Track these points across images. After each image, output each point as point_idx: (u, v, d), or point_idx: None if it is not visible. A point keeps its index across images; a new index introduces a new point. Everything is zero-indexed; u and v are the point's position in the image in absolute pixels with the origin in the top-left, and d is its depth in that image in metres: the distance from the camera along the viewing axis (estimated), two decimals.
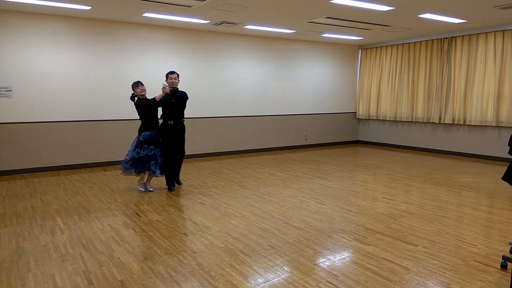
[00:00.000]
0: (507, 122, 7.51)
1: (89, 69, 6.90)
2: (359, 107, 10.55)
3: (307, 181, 6.04)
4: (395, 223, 4.06)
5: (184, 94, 5.31)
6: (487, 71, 7.80)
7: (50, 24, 6.49)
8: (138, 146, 5.15)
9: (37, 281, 2.79)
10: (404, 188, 5.57)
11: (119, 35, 7.11)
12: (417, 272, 2.93)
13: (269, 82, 9.01)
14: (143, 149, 5.13)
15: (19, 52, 6.30)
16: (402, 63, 9.37)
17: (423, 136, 9.15)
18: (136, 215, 4.32)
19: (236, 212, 4.42)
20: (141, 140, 5.15)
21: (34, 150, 6.56)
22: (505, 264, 2.98)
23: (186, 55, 7.83)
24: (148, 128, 5.19)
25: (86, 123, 6.97)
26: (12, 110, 6.34)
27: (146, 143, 5.15)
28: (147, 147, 5.14)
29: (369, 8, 5.92)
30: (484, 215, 4.35)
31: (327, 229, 3.87)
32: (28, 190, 5.42)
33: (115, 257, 3.20)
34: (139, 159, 5.12)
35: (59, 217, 4.26)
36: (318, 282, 2.77)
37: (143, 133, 5.17)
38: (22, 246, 3.43)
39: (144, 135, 5.16)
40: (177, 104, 5.25)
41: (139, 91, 5.14)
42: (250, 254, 3.25)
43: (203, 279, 2.81)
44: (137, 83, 5.17)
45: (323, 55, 9.79)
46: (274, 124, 9.20)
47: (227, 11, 6.17)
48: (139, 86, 5.15)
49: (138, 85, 5.16)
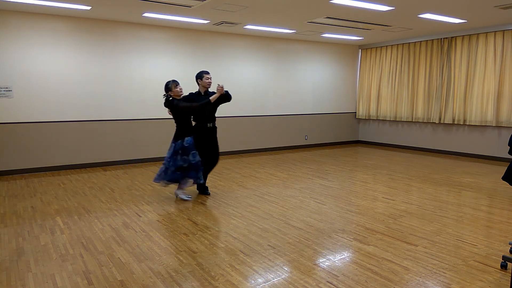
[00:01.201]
0: (507, 122, 7.51)
1: (89, 69, 6.90)
2: (359, 107, 10.55)
3: (307, 181, 6.04)
4: (395, 223, 4.06)
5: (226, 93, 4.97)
6: (487, 71, 7.80)
7: (50, 24, 6.49)
8: (184, 152, 4.68)
9: (37, 281, 2.79)
10: (404, 188, 5.57)
11: (119, 35, 7.11)
12: (417, 272, 2.93)
13: (269, 82, 9.01)
14: (192, 155, 4.69)
15: (19, 52, 6.30)
16: (402, 63, 9.37)
17: (423, 136, 9.15)
18: (136, 215, 4.32)
19: (236, 212, 4.42)
20: (186, 146, 4.68)
21: (34, 150, 6.56)
22: (505, 264, 2.98)
23: (186, 55, 7.83)
24: (188, 133, 4.76)
25: (86, 123, 6.97)
26: (12, 110, 6.34)
27: (193, 149, 4.72)
28: (195, 153, 4.72)
29: (369, 8, 5.92)
30: (484, 215, 4.35)
31: (327, 229, 3.87)
32: (28, 190, 5.42)
33: (115, 257, 3.20)
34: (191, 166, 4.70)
35: (59, 217, 4.26)
36: (318, 282, 2.77)
37: (185, 138, 4.71)
38: (22, 246, 3.43)
39: (188, 141, 4.71)
40: (216, 106, 4.96)
41: (179, 90, 4.68)
42: (250, 254, 3.25)
43: (203, 279, 2.81)
44: (175, 81, 4.70)
45: (323, 55, 9.79)
46: (274, 124, 9.20)
47: (227, 11, 6.17)
48: (178, 85, 4.69)
49: (178, 84, 4.69)
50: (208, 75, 4.91)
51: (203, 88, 4.94)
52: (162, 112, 7.63)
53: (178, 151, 4.70)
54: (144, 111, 7.48)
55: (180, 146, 4.70)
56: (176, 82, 4.70)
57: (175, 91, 4.66)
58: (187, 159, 4.69)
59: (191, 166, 4.71)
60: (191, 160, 4.70)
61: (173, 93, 4.66)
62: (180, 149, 4.69)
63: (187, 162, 4.69)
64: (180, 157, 4.69)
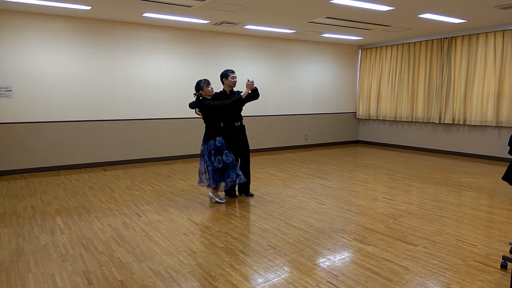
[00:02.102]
0: (507, 122, 7.51)
1: (89, 69, 6.90)
2: (359, 107, 10.55)
3: (307, 181, 6.04)
4: (395, 223, 4.06)
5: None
6: (487, 71, 7.80)
7: (50, 24, 6.49)
8: (218, 153, 4.53)
9: (37, 281, 2.79)
10: (404, 188, 5.57)
11: (119, 35, 7.11)
12: (417, 272, 2.93)
13: (269, 82, 9.01)
14: (225, 155, 4.54)
15: (19, 52, 6.30)
16: (402, 63, 9.37)
17: (423, 136, 9.15)
18: (136, 215, 4.32)
19: (236, 212, 4.42)
20: (219, 146, 4.54)
21: (34, 150, 6.56)
22: (505, 264, 2.98)
23: (186, 55, 7.83)
24: (219, 133, 4.61)
25: (86, 123, 6.97)
26: (12, 110, 6.34)
27: (226, 149, 4.57)
28: (228, 153, 4.56)
29: (369, 8, 5.92)
30: (484, 215, 4.35)
31: (327, 229, 3.87)
32: (28, 190, 5.42)
33: (115, 257, 3.20)
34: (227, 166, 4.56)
35: (59, 217, 4.26)
36: (318, 282, 2.77)
37: (217, 138, 4.56)
38: (22, 246, 3.43)
39: (220, 140, 4.56)
40: (243, 104, 4.82)
41: (210, 90, 4.54)
42: (250, 254, 3.25)
43: (203, 279, 2.81)
44: (207, 81, 4.54)
45: (323, 55, 9.79)
46: (274, 124, 9.20)
47: (227, 11, 6.17)
48: (209, 85, 4.53)
49: (209, 84, 4.53)
50: (234, 74, 4.77)
51: (228, 87, 4.80)
52: (162, 112, 7.66)
53: (211, 151, 4.56)
54: (144, 111, 7.48)
55: (213, 147, 4.55)
56: (208, 81, 4.54)
57: (206, 90, 4.51)
58: (221, 159, 4.55)
59: (227, 166, 4.56)
60: (225, 160, 4.55)
61: (204, 93, 4.52)
62: (213, 150, 4.55)
63: (221, 163, 4.55)
64: (214, 158, 4.56)
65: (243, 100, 4.66)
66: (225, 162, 4.56)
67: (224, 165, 4.56)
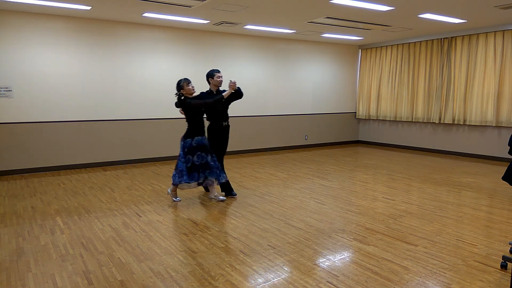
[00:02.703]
0: (507, 122, 7.51)
1: (89, 69, 6.90)
2: (359, 107, 10.55)
3: (307, 181, 6.04)
4: (395, 223, 4.06)
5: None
6: (487, 71, 7.80)
7: (50, 24, 6.49)
8: (190, 152, 4.60)
9: (37, 281, 2.79)
10: (404, 188, 5.57)
11: (119, 35, 7.11)
12: (417, 272, 2.93)
13: (269, 82, 9.01)
14: (196, 156, 4.61)
15: (19, 52, 6.30)
16: (402, 63, 9.37)
17: (423, 136, 9.15)
18: (136, 215, 4.32)
19: (236, 212, 4.42)
20: (195, 146, 4.62)
21: (34, 150, 6.56)
22: (505, 264, 2.98)
23: (186, 55, 7.83)
24: (199, 132, 4.68)
25: (86, 123, 6.97)
26: (12, 110, 6.34)
27: (199, 150, 4.64)
28: (200, 154, 4.64)
29: (369, 8, 5.92)
30: (484, 215, 4.35)
31: (327, 229, 3.87)
32: (28, 190, 5.42)
33: (115, 257, 3.20)
34: (195, 167, 4.62)
35: (59, 217, 4.26)
36: (318, 282, 2.77)
37: (195, 137, 4.64)
38: (22, 246, 3.43)
39: (197, 140, 4.64)
40: (228, 103, 4.92)
41: (191, 88, 4.60)
42: (250, 254, 3.25)
43: (203, 279, 2.81)
44: (187, 80, 4.61)
45: (323, 55, 9.79)
46: (274, 124, 9.20)
47: (227, 11, 6.17)
48: (190, 84, 4.59)
49: (189, 82, 4.59)
50: (219, 74, 4.85)
51: (214, 86, 4.88)
52: (162, 112, 7.66)
53: (185, 149, 4.63)
54: (144, 111, 7.48)
55: (188, 145, 4.62)
56: (188, 80, 4.62)
57: (187, 89, 4.57)
58: (191, 159, 4.62)
59: (194, 167, 4.62)
60: (195, 161, 4.62)
61: (185, 92, 4.58)
62: (187, 148, 4.63)
63: (190, 162, 4.62)
64: (189, 156, 4.62)
65: (226, 99, 4.74)
66: (194, 163, 4.64)
67: (192, 165, 4.63)
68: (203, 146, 4.67)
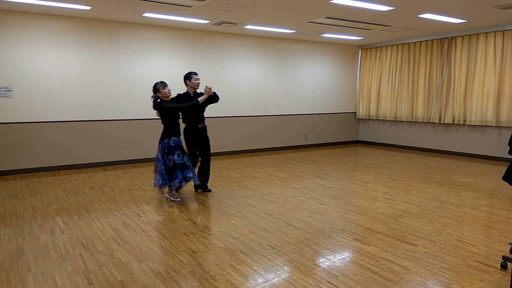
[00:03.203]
0: (507, 122, 7.51)
1: (89, 69, 6.90)
2: (359, 107, 10.55)
3: (307, 181, 6.04)
4: (395, 223, 4.06)
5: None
6: (487, 71, 7.80)
7: (50, 24, 6.49)
8: (170, 152, 4.69)
9: (37, 281, 2.79)
10: (404, 188, 5.57)
11: (119, 35, 7.11)
12: (417, 272, 2.93)
13: (269, 82, 9.01)
14: (177, 155, 4.69)
15: (19, 52, 6.30)
16: (402, 63, 9.37)
17: (423, 136, 9.15)
18: (136, 215, 4.32)
19: (236, 212, 4.42)
20: (173, 146, 4.71)
21: (34, 150, 6.56)
22: (505, 264, 2.98)
23: (186, 55, 7.83)
24: (175, 133, 4.77)
25: (86, 123, 6.97)
26: (12, 110, 6.34)
27: (178, 149, 4.73)
28: (180, 154, 4.71)
29: (369, 8, 5.92)
30: (484, 215, 4.35)
31: (327, 229, 3.87)
32: (28, 190, 5.42)
33: (115, 257, 3.20)
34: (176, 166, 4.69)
35: (59, 217, 4.26)
36: (318, 282, 2.77)
37: (172, 138, 4.74)
38: (22, 246, 3.43)
39: (174, 140, 4.73)
40: (204, 106, 5.03)
41: (167, 91, 4.68)
42: (250, 254, 3.25)
43: (203, 279, 2.81)
44: (163, 83, 4.69)
45: (323, 55, 9.79)
46: (274, 124, 9.20)
47: (227, 11, 6.17)
48: (166, 87, 4.68)
49: (166, 86, 4.68)
50: (196, 76, 4.97)
51: (191, 89, 5.01)
52: None
53: (165, 150, 4.72)
54: (144, 111, 7.47)
55: (167, 145, 4.72)
56: (164, 83, 4.70)
57: (163, 92, 4.66)
58: (172, 158, 4.70)
59: (176, 166, 4.70)
60: (176, 160, 4.70)
61: (161, 94, 4.67)
62: (166, 148, 4.72)
63: (171, 162, 4.71)
64: (166, 156, 4.72)
65: (201, 104, 4.85)
66: (176, 162, 4.70)
67: (174, 164, 4.70)
68: (180, 146, 4.79)
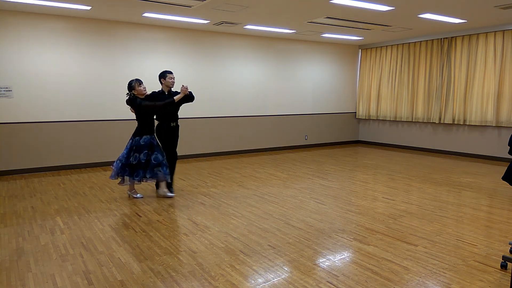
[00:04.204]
0: (507, 122, 7.51)
1: (89, 69, 6.90)
2: (359, 107, 10.55)
3: (307, 181, 6.04)
4: (395, 223, 4.06)
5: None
6: (487, 71, 7.80)
7: (50, 24, 6.49)
8: (137, 150, 4.73)
9: (37, 281, 2.79)
10: (404, 188, 5.57)
11: (119, 35, 7.11)
12: (417, 272, 2.93)
13: (269, 82, 9.01)
14: (143, 154, 4.72)
15: (19, 52, 6.30)
16: (402, 63, 9.37)
17: (423, 136, 9.15)
18: (136, 215, 4.32)
19: (236, 212, 4.42)
20: (142, 144, 4.75)
21: (34, 150, 6.56)
22: (505, 264, 2.98)
23: (186, 55, 7.83)
24: (149, 131, 4.83)
25: (86, 123, 6.97)
26: (12, 110, 6.34)
27: (147, 148, 4.76)
28: (147, 153, 4.74)
29: (369, 8, 5.92)
30: (484, 215, 4.35)
31: (327, 229, 3.87)
32: (28, 190, 5.42)
33: (115, 257, 3.20)
34: (140, 164, 4.72)
35: (59, 217, 4.26)
36: (318, 282, 2.77)
37: (144, 136, 4.78)
38: (22, 246, 3.43)
39: (145, 139, 4.78)
40: (179, 105, 5.11)
41: (142, 89, 4.76)
42: (250, 254, 3.25)
43: (203, 279, 2.81)
44: (139, 80, 4.78)
45: (323, 55, 9.79)
46: (274, 124, 9.20)
47: (227, 11, 6.17)
48: (141, 84, 4.76)
49: (141, 83, 4.77)
50: (171, 75, 5.03)
51: (166, 87, 5.06)
52: None
53: (133, 147, 4.76)
54: None
55: (136, 143, 4.76)
56: (140, 81, 4.76)
57: (138, 90, 4.73)
58: (138, 157, 4.73)
59: (140, 164, 4.73)
60: (141, 159, 4.73)
61: (136, 92, 4.73)
62: (135, 146, 4.76)
63: (136, 160, 4.73)
64: (132, 153, 4.75)
65: (176, 103, 4.92)
66: (140, 160, 4.73)
67: (138, 163, 4.74)
68: (151, 145, 4.81)
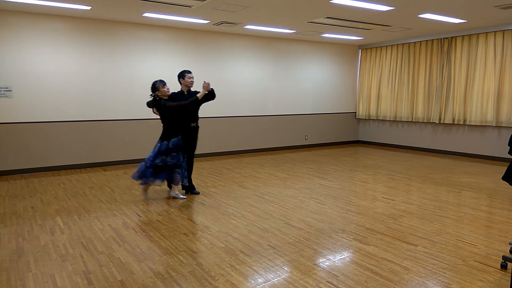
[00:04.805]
0: (507, 122, 7.51)
1: (89, 69, 6.90)
2: (359, 107, 10.55)
3: (307, 181, 6.04)
4: (395, 223, 4.06)
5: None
6: (487, 71, 7.80)
7: (50, 24, 6.49)
8: (165, 153, 4.66)
9: (37, 281, 2.79)
10: (404, 188, 5.57)
11: (119, 35, 7.11)
12: (417, 272, 2.93)
13: (269, 82, 9.01)
14: (171, 157, 4.67)
15: (19, 52, 6.30)
16: (402, 63, 9.37)
17: (423, 136, 9.15)
18: (136, 215, 4.32)
19: (236, 212, 4.42)
20: (171, 148, 4.66)
21: (34, 150, 6.56)
22: (505, 264, 2.98)
23: (186, 55, 7.83)
24: (174, 134, 4.72)
25: (86, 123, 6.97)
26: (12, 110, 6.34)
27: (174, 151, 4.68)
28: (175, 155, 4.68)
29: (369, 8, 5.92)
30: (484, 215, 4.35)
31: (327, 229, 3.87)
32: (28, 190, 5.42)
33: (115, 257, 3.20)
34: (166, 167, 4.69)
35: (59, 217, 4.26)
36: (318, 282, 2.77)
37: (172, 139, 4.68)
38: (22, 246, 3.43)
39: (173, 142, 4.68)
40: (200, 104, 4.98)
41: (166, 90, 4.65)
42: (250, 254, 3.25)
43: (203, 279, 2.81)
44: (163, 81, 4.66)
45: (323, 55, 9.79)
46: (274, 124, 9.20)
47: (227, 11, 6.17)
48: (165, 85, 4.65)
49: (165, 84, 4.65)
50: (190, 74, 4.93)
51: (185, 87, 4.98)
52: None
53: (161, 151, 4.69)
54: (144, 111, 7.43)
55: (166, 147, 4.69)
56: (164, 82, 4.68)
57: (162, 91, 4.64)
58: (165, 160, 4.69)
59: (166, 167, 4.70)
60: (168, 162, 4.69)
61: (160, 93, 4.65)
62: (164, 150, 4.69)
63: (163, 162, 4.69)
64: (159, 156, 4.69)
65: (199, 101, 4.80)
66: (167, 163, 4.69)
67: (164, 165, 4.69)
68: (179, 147, 4.74)
